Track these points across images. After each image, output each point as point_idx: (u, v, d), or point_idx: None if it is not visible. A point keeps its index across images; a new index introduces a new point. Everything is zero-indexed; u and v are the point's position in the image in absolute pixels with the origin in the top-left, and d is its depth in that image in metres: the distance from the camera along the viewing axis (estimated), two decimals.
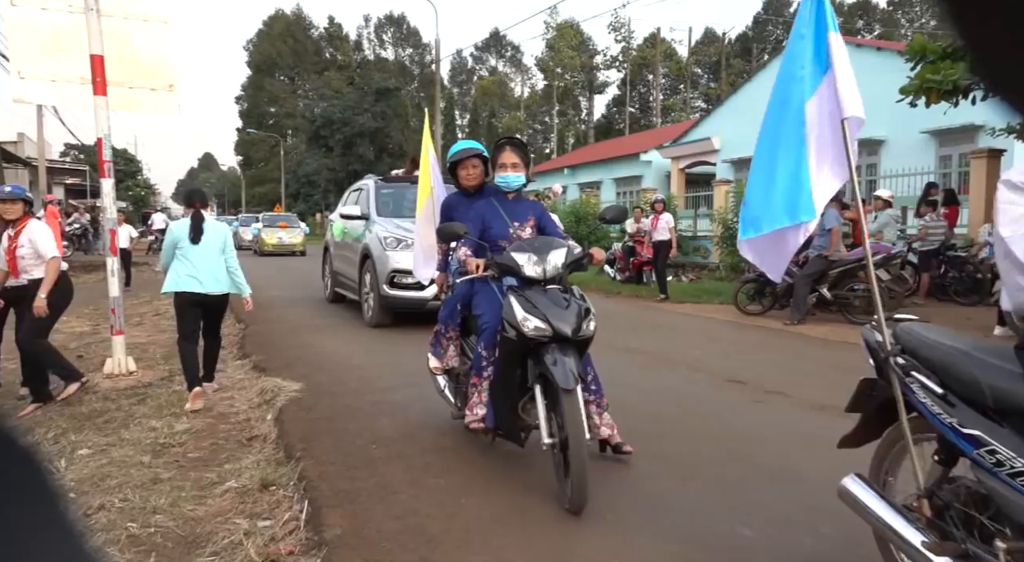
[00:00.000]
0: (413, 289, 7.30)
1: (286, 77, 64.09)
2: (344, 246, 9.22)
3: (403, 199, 8.48)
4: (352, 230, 8.85)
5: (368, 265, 7.94)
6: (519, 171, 3.68)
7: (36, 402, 4.89)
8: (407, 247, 7.11)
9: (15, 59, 5.42)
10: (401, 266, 7.22)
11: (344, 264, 9.19)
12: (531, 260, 3.26)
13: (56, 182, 30.31)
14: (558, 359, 2.97)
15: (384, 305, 7.69)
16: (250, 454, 3.78)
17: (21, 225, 4.94)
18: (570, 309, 3.08)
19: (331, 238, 10.04)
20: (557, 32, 50.99)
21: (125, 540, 2.76)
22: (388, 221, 8.04)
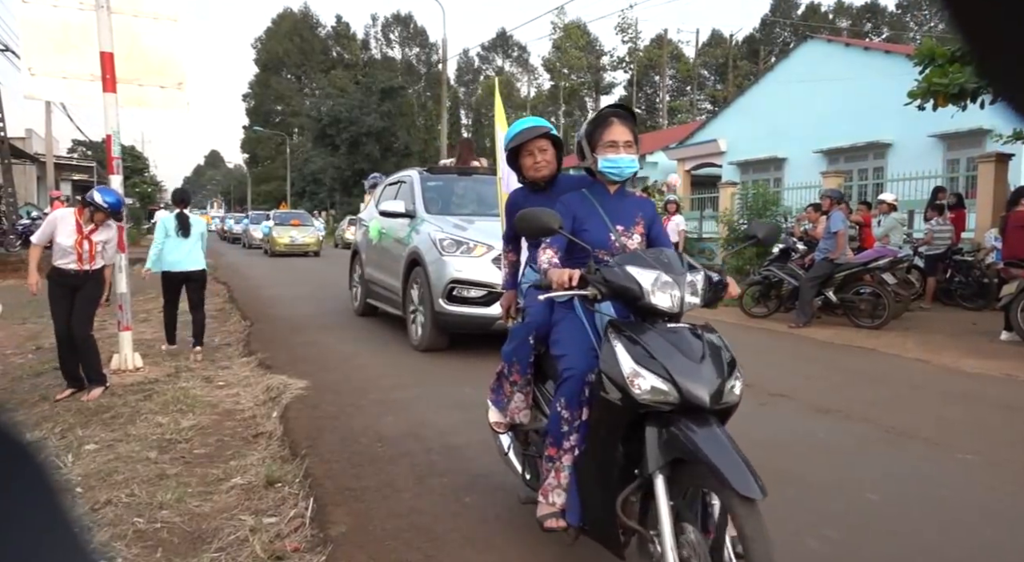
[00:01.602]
0: (478, 304, 5.93)
1: (293, 75, 64.25)
2: (382, 250, 7.72)
3: (452, 193, 7.49)
4: (392, 230, 7.42)
5: (417, 274, 6.44)
6: (632, 152, 2.54)
7: (100, 386, 5.07)
8: (469, 251, 6.02)
9: (26, 56, 5.45)
10: (464, 276, 5.92)
11: (381, 271, 7.67)
12: (660, 282, 2.14)
13: (63, 178, 30.45)
14: (709, 440, 1.93)
15: (439, 324, 6.10)
16: (255, 451, 3.80)
17: (99, 224, 5.16)
18: (706, 362, 2.03)
19: (362, 240, 8.57)
20: (564, 33, 51.00)
21: (132, 535, 2.78)
22: (441, 219, 6.61)
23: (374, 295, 8.03)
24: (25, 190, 26.49)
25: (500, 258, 4.93)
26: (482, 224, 6.31)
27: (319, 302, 10.23)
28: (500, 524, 2.86)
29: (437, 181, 7.62)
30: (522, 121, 2.99)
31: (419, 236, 6.56)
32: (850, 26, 54.12)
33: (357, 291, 8.76)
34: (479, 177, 7.61)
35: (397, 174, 8.49)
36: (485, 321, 5.89)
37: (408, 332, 6.72)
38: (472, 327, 6.07)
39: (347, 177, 45.35)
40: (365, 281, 8.32)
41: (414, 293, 6.51)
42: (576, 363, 2.35)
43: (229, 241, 34.15)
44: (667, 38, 47.43)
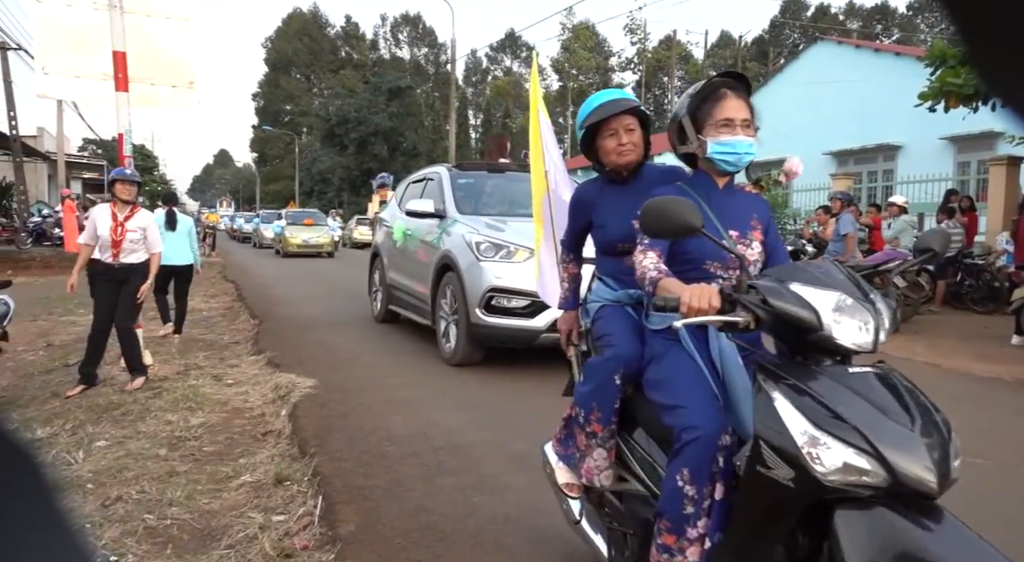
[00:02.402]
0: (520, 316, 5.34)
1: (302, 75, 64.50)
2: (407, 253, 7.10)
3: (484, 192, 6.96)
4: (419, 232, 6.80)
5: (449, 280, 5.90)
6: (751, 134, 2.03)
7: (143, 375, 5.26)
8: (509, 255, 5.48)
9: (40, 55, 5.49)
10: (504, 283, 5.35)
11: (407, 276, 7.07)
12: (845, 307, 1.51)
13: (74, 176, 30.66)
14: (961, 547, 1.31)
15: (475, 337, 5.54)
16: (264, 449, 3.81)
17: (134, 211, 5.32)
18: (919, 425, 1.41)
19: (384, 242, 7.96)
20: (573, 34, 50.98)
21: (142, 531, 2.79)
22: (475, 219, 6.07)
23: (397, 301, 7.47)
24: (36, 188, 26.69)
25: None
26: (519, 225, 5.77)
27: (329, 302, 10.26)
28: (509, 524, 2.86)
29: (468, 178, 7.07)
30: (602, 93, 2.38)
31: (451, 238, 5.98)
32: (860, 27, 53.91)
33: (378, 297, 8.15)
34: (513, 175, 7.17)
35: (422, 171, 7.97)
36: (528, 334, 5.33)
37: (438, 344, 6.08)
38: (513, 340, 5.47)
39: (355, 177, 45.50)
40: (387, 286, 7.69)
41: (445, 301, 5.94)
42: (702, 420, 1.72)
43: (239, 240, 33.83)
44: (676, 39, 47.32)
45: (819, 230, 9.44)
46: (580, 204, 2.47)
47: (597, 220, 2.36)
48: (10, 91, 19.95)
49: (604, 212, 2.34)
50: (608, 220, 2.32)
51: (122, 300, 5.22)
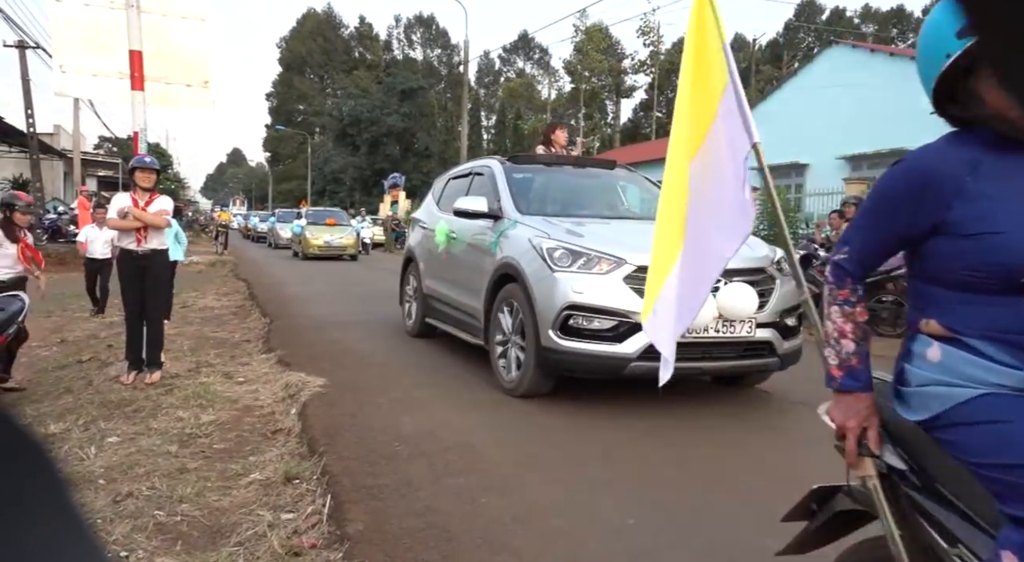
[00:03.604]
0: (604, 339, 4.39)
1: (316, 75, 64.83)
2: (452, 260, 6.16)
3: (545, 188, 6.08)
4: (467, 235, 5.88)
5: (511, 293, 4.96)
6: None
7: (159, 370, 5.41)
8: (590, 265, 4.50)
9: (57, 53, 5.55)
10: (586, 300, 4.39)
11: (451, 286, 6.14)
12: None
13: (89, 174, 30.93)
14: None
15: (547, 363, 4.55)
16: (274, 447, 3.83)
17: (154, 196, 5.43)
18: None
19: (420, 245, 7.07)
20: (586, 35, 50.94)
21: (152, 528, 2.81)
22: (541, 221, 5.11)
23: (437, 314, 6.50)
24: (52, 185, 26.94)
25: (633, 276, 4.31)
26: (597, 228, 5.01)
27: (342, 302, 10.29)
28: (516, 525, 2.86)
29: (525, 173, 6.12)
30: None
31: (512, 243, 5.07)
32: (876, 31, 53.57)
33: (411, 307, 7.24)
34: (578, 170, 6.41)
35: (467, 164, 7.06)
36: (614, 362, 4.35)
37: (494, 369, 5.13)
38: (595, 369, 4.50)
39: (367, 177, 45.69)
40: (424, 296, 6.75)
41: (505, 318, 5.01)
42: None
43: (253, 239, 33.43)
44: None
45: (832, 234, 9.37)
46: (921, 189, 1.39)
47: (970, 221, 1.33)
48: (28, 89, 20.17)
49: (995, 205, 1.31)
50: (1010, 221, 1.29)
51: (150, 291, 5.41)
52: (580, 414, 4.46)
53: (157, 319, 5.51)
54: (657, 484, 3.36)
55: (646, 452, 3.77)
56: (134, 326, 5.39)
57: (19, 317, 4.96)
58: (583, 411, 4.51)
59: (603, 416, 4.40)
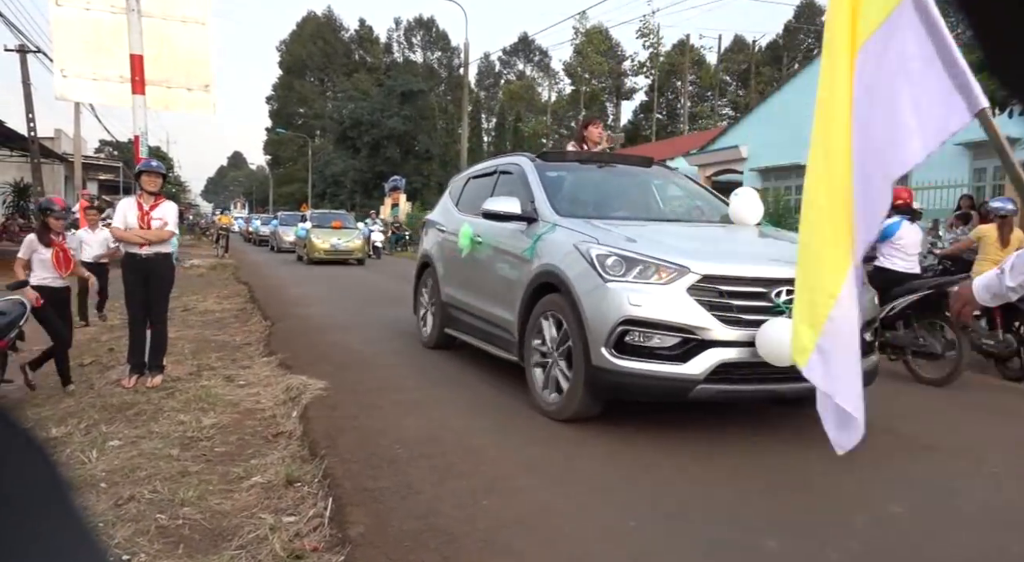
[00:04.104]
0: (666, 358, 3.83)
1: (316, 78, 64.90)
2: (477, 266, 5.66)
3: (583, 189, 5.59)
4: (496, 239, 5.35)
5: (552, 305, 4.44)
6: None
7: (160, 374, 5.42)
8: (647, 274, 3.94)
9: (58, 58, 5.56)
10: (643, 314, 3.84)
11: (477, 295, 5.61)
12: None
13: (90, 178, 30.95)
14: None
15: (598, 385, 4.03)
16: (275, 450, 3.83)
17: (158, 201, 5.47)
18: None
19: (438, 249, 6.56)
20: (586, 37, 50.99)
21: (154, 531, 2.82)
22: (584, 224, 4.61)
23: (458, 324, 6.01)
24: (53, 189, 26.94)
25: (699, 287, 3.83)
26: (647, 233, 4.48)
27: (345, 305, 10.29)
28: (519, 527, 2.86)
29: (559, 171, 5.62)
30: None
31: (553, 249, 4.55)
32: None
33: (428, 317, 6.71)
34: (622, 168, 5.93)
35: (491, 162, 6.52)
36: (678, 385, 3.81)
37: (531, 388, 4.61)
38: (655, 392, 3.97)
39: (368, 179, 45.72)
40: (443, 305, 6.24)
41: (545, 332, 4.49)
42: None
43: (255, 243, 32.77)
44: (689, 44, 47.28)
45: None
46: None
47: None
48: (29, 93, 20.20)
49: None
50: None
51: (156, 295, 5.44)
52: (581, 419, 4.45)
53: (161, 323, 5.52)
54: (658, 487, 3.36)
55: (647, 455, 3.77)
56: (137, 330, 5.40)
57: (21, 321, 4.97)
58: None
59: (604, 419, 4.39)
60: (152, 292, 5.42)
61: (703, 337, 3.76)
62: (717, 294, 3.84)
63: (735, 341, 3.76)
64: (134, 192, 5.63)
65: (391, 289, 12.42)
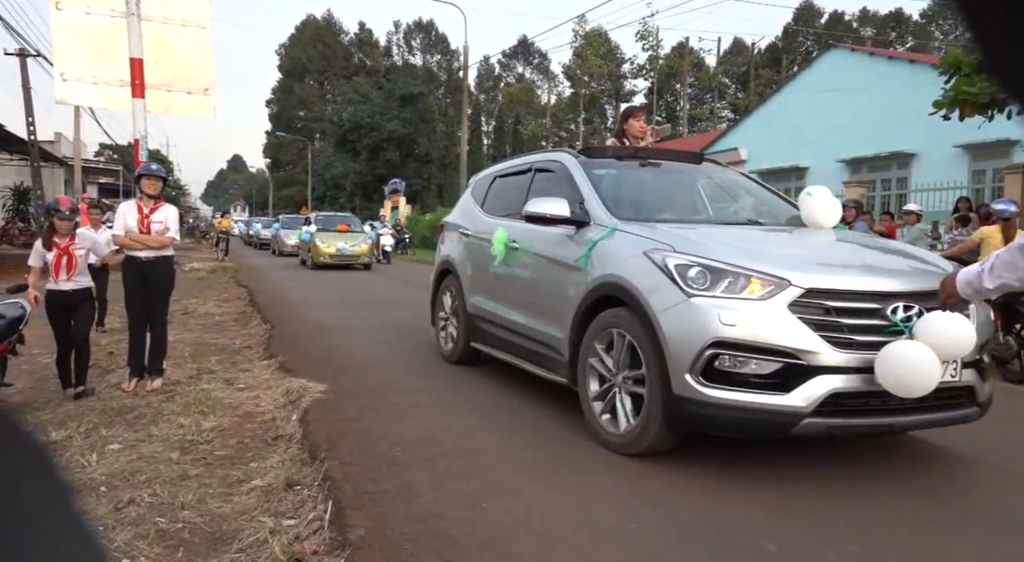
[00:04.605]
0: (764, 387, 3.27)
1: (316, 81, 64.99)
2: (514, 275, 5.11)
3: (639, 189, 5.00)
4: (536, 244, 4.80)
5: (616, 321, 3.84)
6: None
7: (160, 377, 5.42)
8: (737, 287, 3.37)
9: (58, 61, 5.57)
10: (737, 334, 3.27)
11: (512, 307, 5.07)
12: None
13: (90, 181, 30.99)
14: None
15: (681, 416, 3.46)
16: (275, 453, 3.83)
17: (158, 204, 5.47)
18: None
19: (461, 255, 5.99)
20: (585, 40, 51.07)
21: (154, 534, 2.81)
22: (652, 229, 4.00)
23: (488, 339, 5.44)
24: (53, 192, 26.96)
25: (802, 302, 3.25)
26: (724, 238, 3.94)
27: (345, 308, 10.29)
28: (518, 530, 2.86)
29: (607, 169, 5.02)
30: None
31: (615, 257, 3.96)
32: (874, 35, 53.69)
33: (450, 329, 6.18)
34: (671, 165, 5.32)
35: (522, 159, 5.92)
36: (780, 419, 3.23)
37: (588, 418, 4.05)
38: (752, 427, 3.38)
39: (367, 182, 45.75)
40: (468, 317, 5.71)
41: (604, 354, 3.93)
42: None
43: (256, 246, 32.33)
44: (688, 46, 47.34)
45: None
46: None
47: None
48: (29, 97, 20.23)
49: None
50: None
51: (156, 297, 5.45)
52: (581, 420, 4.45)
53: (161, 326, 5.52)
54: (659, 489, 3.35)
55: (648, 458, 3.76)
56: (137, 333, 5.40)
57: (20, 324, 4.97)
58: (584, 417, 4.51)
59: None
60: (152, 295, 5.41)
61: (809, 362, 3.20)
62: (823, 311, 3.29)
63: (847, 367, 3.22)
64: (134, 195, 5.63)
65: (391, 292, 12.43)
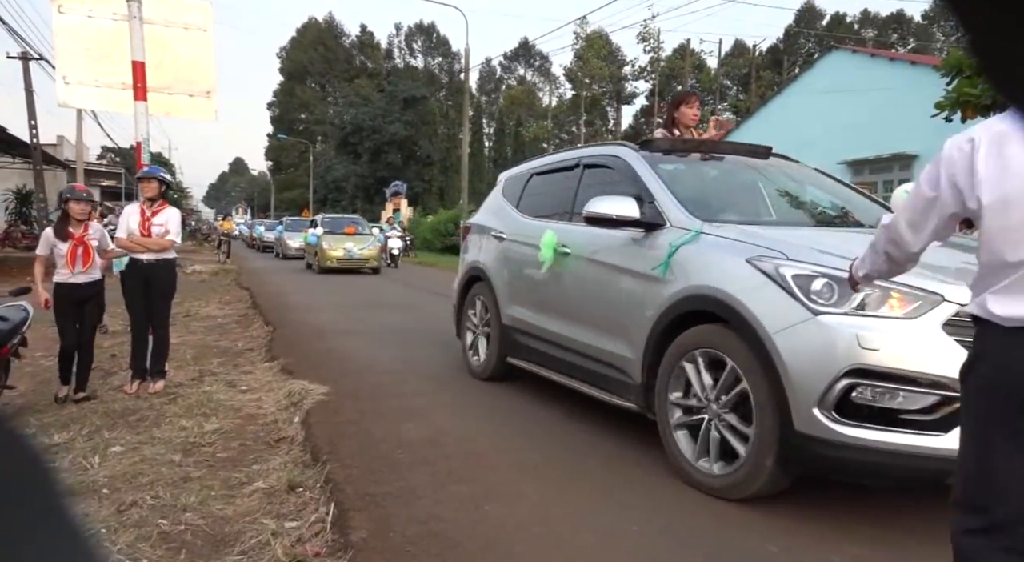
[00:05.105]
0: (915, 426, 2.68)
1: (317, 84, 65.12)
2: (568, 283, 4.49)
3: (711, 186, 4.47)
4: (594, 249, 4.23)
5: (708, 339, 3.32)
6: None
7: (163, 379, 5.43)
8: (873, 302, 2.84)
9: (61, 65, 5.59)
10: (881, 360, 2.70)
11: (562, 320, 4.51)
12: None
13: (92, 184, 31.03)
14: None
15: (807, 459, 2.92)
16: (277, 455, 3.84)
17: (161, 207, 5.46)
18: None
19: (495, 260, 5.47)
20: (586, 42, 51.11)
21: (156, 537, 2.82)
22: (745, 232, 3.50)
23: (530, 354, 4.92)
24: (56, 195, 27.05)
25: (957, 322, 2.65)
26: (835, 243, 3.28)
27: (347, 310, 10.29)
28: (520, 532, 2.86)
29: (675, 164, 4.46)
30: None
31: (706, 265, 3.40)
32: (875, 37, 53.70)
33: (480, 343, 5.66)
34: (737, 160, 4.70)
35: (566, 153, 5.29)
36: (932, 464, 2.62)
37: (671, 454, 3.49)
38: (897, 474, 2.80)
39: (369, 185, 45.81)
40: (504, 329, 5.20)
41: (695, 377, 3.34)
42: None
43: (259, 249, 31.97)
44: (690, 48, 47.35)
45: None
46: None
47: None
48: (31, 100, 20.28)
49: None
50: None
51: (157, 301, 5.44)
52: (583, 423, 4.45)
53: (163, 328, 5.52)
54: (660, 491, 3.35)
55: (649, 459, 3.77)
56: (140, 335, 5.41)
57: (23, 327, 4.97)
58: (586, 420, 4.51)
59: (605, 425, 4.39)
60: (154, 297, 5.42)
61: None
62: None
63: None
64: (136, 198, 5.64)
65: (392, 294, 12.44)
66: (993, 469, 1.78)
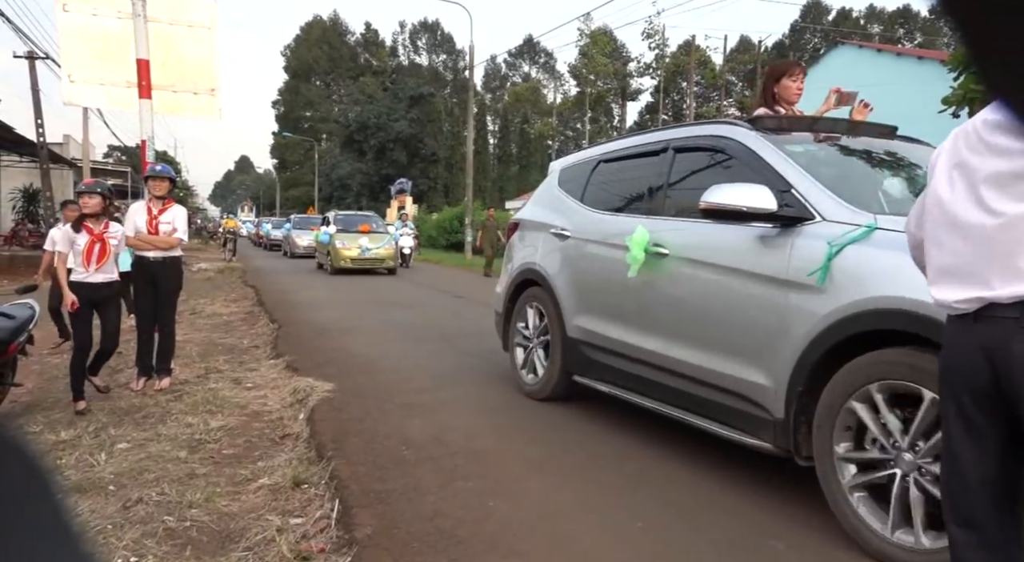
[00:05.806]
0: None
1: (322, 82, 65.20)
2: (668, 292, 3.74)
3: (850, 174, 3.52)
4: (705, 249, 3.52)
5: (887, 369, 2.55)
6: None
7: (168, 377, 5.43)
8: None
9: (66, 63, 5.61)
10: None
11: (656, 337, 3.77)
12: None
13: None
14: None
15: None
16: (283, 452, 3.84)
17: (167, 205, 5.45)
18: None
19: (554, 262, 4.78)
20: (591, 39, 51.00)
21: (162, 533, 2.83)
22: None
23: (608, 374, 4.22)
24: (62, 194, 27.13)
25: None
26: None
27: (352, 308, 10.30)
28: (525, 529, 2.86)
29: (805, 145, 3.62)
30: None
31: (888, 271, 2.62)
32: (882, 32, 53.44)
33: (538, 357, 4.94)
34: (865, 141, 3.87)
35: (648, 136, 4.42)
36: None
37: (842, 513, 2.73)
38: None
39: (374, 183, 45.83)
40: (572, 342, 4.50)
41: (871, 418, 2.63)
42: None
43: (265, 248, 31.27)
44: (695, 44, 47.19)
45: None
46: None
47: None
48: (37, 99, 20.34)
49: None
50: None
51: (163, 300, 5.45)
52: (588, 419, 4.45)
53: (169, 326, 5.54)
54: (666, 489, 3.35)
55: (656, 456, 3.76)
56: (145, 333, 5.42)
57: (30, 325, 4.99)
58: (592, 415, 4.51)
59: (611, 420, 4.39)
60: (160, 295, 5.43)
61: None
62: None
63: None
64: (142, 196, 5.66)
65: (398, 291, 12.45)
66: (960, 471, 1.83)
